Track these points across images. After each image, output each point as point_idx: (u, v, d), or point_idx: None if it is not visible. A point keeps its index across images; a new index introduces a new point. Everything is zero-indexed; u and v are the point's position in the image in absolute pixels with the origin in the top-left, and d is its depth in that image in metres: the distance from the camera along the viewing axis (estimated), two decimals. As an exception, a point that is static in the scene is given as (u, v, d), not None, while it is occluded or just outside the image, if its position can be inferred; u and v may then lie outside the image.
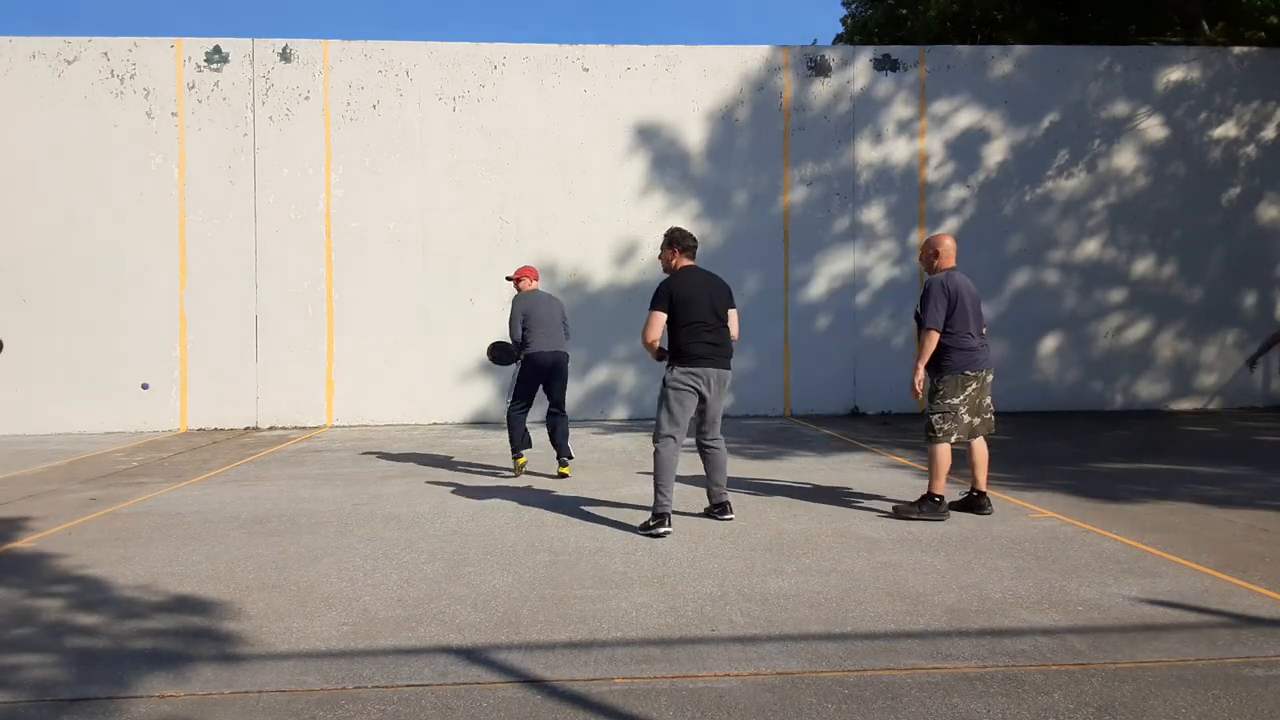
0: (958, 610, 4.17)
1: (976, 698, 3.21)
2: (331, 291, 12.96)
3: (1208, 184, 13.91)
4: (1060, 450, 9.62)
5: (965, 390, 5.99)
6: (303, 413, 12.82)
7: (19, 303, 12.58)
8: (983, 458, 6.25)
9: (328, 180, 12.95)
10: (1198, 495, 6.94)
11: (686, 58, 13.38)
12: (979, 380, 6.03)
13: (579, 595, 4.46)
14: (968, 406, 6.03)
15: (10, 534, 6.03)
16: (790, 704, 3.17)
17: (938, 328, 5.93)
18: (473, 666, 3.55)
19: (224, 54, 12.82)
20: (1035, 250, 13.77)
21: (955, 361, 5.96)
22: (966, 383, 5.99)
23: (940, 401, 6.02)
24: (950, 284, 5.97)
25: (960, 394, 5.99)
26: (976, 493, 6.33)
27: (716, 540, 5.59)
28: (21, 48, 12.59)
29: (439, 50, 13.12)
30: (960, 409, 6.01)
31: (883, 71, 13.58)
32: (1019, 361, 13.78)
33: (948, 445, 6.06)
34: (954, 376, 5.98)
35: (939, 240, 6.19)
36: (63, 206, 12.60)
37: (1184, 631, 3.87)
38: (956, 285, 5.97)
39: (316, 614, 4.21)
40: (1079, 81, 13.74)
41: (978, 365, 5.99)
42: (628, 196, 13.32)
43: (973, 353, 5.97)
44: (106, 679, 3.45)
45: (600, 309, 13.23)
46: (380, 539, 5.74)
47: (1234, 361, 14.01)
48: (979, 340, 6.02)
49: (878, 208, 13.60)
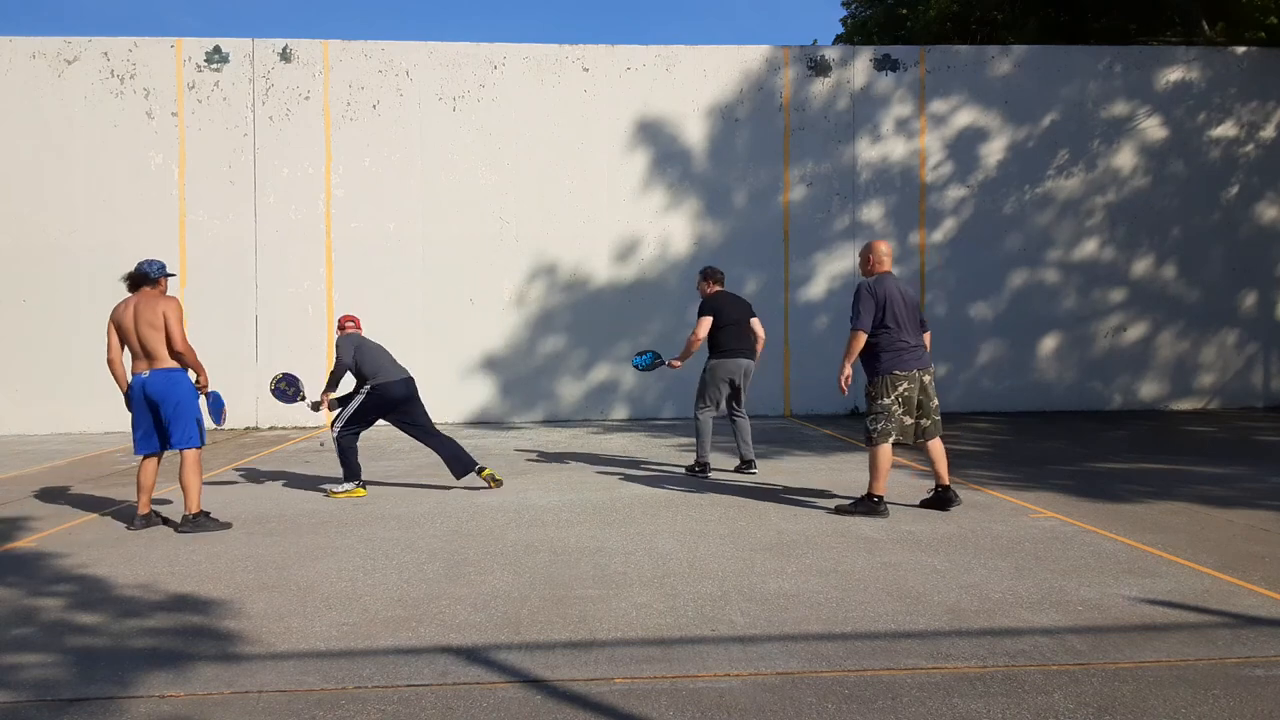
0: (958, 610, 4.17)
1: (976, 698, 3.21)
2: (331, 291, 12.96)
3: (1207, 184, 13.91)
4: (1060, 450, 9.62)
5: (896, 390, 6.10)
6: (303, 413, 12.81)
7: (19, 303, 12.58)
8: (940, 454, 6.35)
9: (328, 180, 12.95)
10: (1198, 495, 6.94)
11: (686, 58, 13.38)
12: (910, 380, 6.12)
13: (579, 595, 4.46)
14: (903, 407, 6.12)
15: (10, 534, 6.03)
16: (790, 704, 3.17)
17: (865, 329, 6.09)
18: (473, 666, 3.55)
19: (224, 54, 12.82)
20: (1035, 250, 13.77)
21: (884, 363, 6.11)
22: (896, 383, 6.10)
23: (873, 403, 6.17)
24: (879, 288, 6.12)
25: (891, 394, 6.10)
26: (941, 488, 6.43)
27: (716, 540, 5.60)
28: (21, 48, 12.59)
29: (439, 50, 13.13)
30: (894, 409, 6.11)
31: (882, 71, 13.59)
32: (1018, 361, 13.79)
33: (887, 446, 6.14)
34: (883, 378, 6.12)
35: (873, 246, 6.38)
36: (63, 206, 12.60)
37: (1184, 631, 3.87)
38: (886, 289, 6.12)
39: (316, 614, 4.21)
40: (1079, 81, 13.75)
41: (906, 365, 6.09)
42: (628, 196, 13.32)
43: (901, 354, 6.09)
44: (107, 679, 3.45)
45: (601, 308, 13.24)
46: (380, 539, 5.74)
47: (1233, 361, 14.02)
48: (912, 342, 6.13)
49: (877, 207, 13.60)
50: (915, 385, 6.13)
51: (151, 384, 5.99)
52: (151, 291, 6.13)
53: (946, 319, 13.65)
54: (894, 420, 6.10)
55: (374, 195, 13.00)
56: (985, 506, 6.59)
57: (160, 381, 5.99)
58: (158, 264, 6.25)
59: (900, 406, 6.10)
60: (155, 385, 5.99)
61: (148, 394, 6.00)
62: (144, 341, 5.98)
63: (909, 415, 6.15)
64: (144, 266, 6.19)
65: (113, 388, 6.36)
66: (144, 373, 6.01)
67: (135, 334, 5.98)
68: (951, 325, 13.65)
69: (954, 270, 13.68)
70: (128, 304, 6.06)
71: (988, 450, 9.68)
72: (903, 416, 6.12)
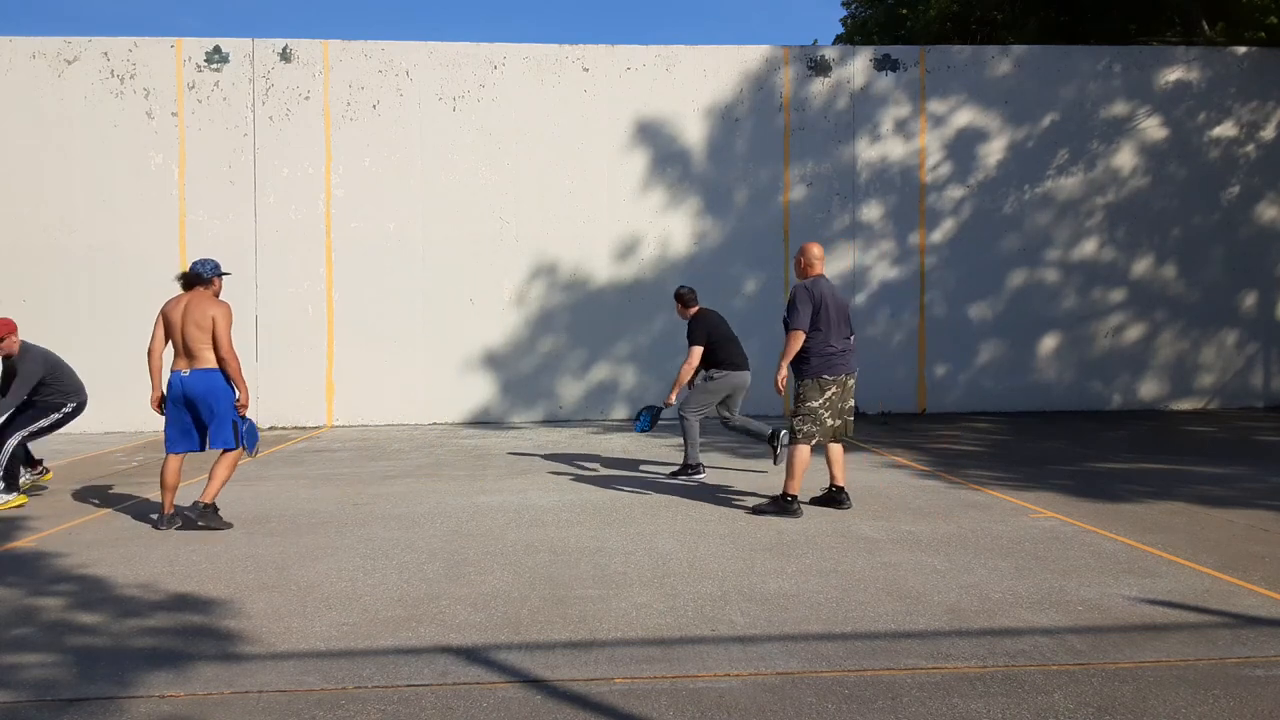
0: (958, 610, 4.18)
1: (976, 698, 3.21)
2: (331, 291, 12.96)
3: (1207, 184, 13.91)
4: (1060, 450, 9.62)
5: (825, 394, 6.21)
6: (303, 413, 12.82)
7: (19, 303, 12.57)
8: (839, 455, 6.50)
9: (328, 180, 12.95)
10: (1198, 495, 6.94)
11: (686, 57, 13.38)
12: (839, 384, 6.24)
13: (579, 595, 4.47)
14: (829, 410, 6.23)
15: (10, 534, 6.03)
16: (790, 704, 3.18)
17: (803, 329, 6.18)
18: (473, 666, 3.55)
19: (224, 54, 12.81)
20: (1034, 249, 13.77)
21: (814, 366, 6.20)
22: (826, 387, 6.20)
23: (801, 405, 6.27)
24: (815, 289, 6.23)
25: (820, 397, 6.20)
26: (835, 488, 6.55)
27: (716, 540, 5.60)
28: (22, 48, 12.59)
29: (439, 50, 13.13)
30: (821, 412, 6.21)
31: (882, 71, 13.59)
32: (1018, 361, 13.79)
33: (807, 447, 6.24)
34: (813, 381, 6.21)
35: (805, 249, 6.50)
36: (63, 206, 12.60)
37: (1184, 631, 3.87)
38: (821, 291, 6.23)
39: (316, 614, 4.21)
40: (1078, 81, 13.75)
41: (835, 370, 6.20)
42: (628, 195, 13.32)
43: (831, 358, 6.19)
44: (107, 678, 3.45)
45: (601, 308, 13.24)
46: (380, 539, 5.74)
47: (1233, 362, 14.02)
48: (839, 346, 6.23)
49: (877, 207, 13.60)
50: (840, 389, 6.25)
51: (191, 383, 6.01)
52: (204, 292, 6.16)
53: (946, 319, 13.66)
54: (819, 423, 6.22)
55: (374, 195, 13.00)
56: (985, 506, 6.59)
57: (200, 381, 6.00)
58: (211, 263, 6.25)
59: (827, 410, 6.23)
60: (195, 385, 6.01)
61: (186, 392, 6.01)
62: (188, 340, 6.00)
63: (834, 418, 6.27)
64: (197, 266, 6.22)
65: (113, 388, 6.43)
66: (184, 371, 6.02)
67: (181, 331, 6.01)
68: (951, 325, 13.65)
69: (953, 270, 13.68)
70: (180, 300, 6.11)
71: (988, 450, 9.69)
72: (828, 419, 6.24)
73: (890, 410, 13.49)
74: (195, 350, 6.01)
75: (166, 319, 6.10)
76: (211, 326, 5.98)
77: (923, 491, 7.24)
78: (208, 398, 6.01)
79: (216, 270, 6.25)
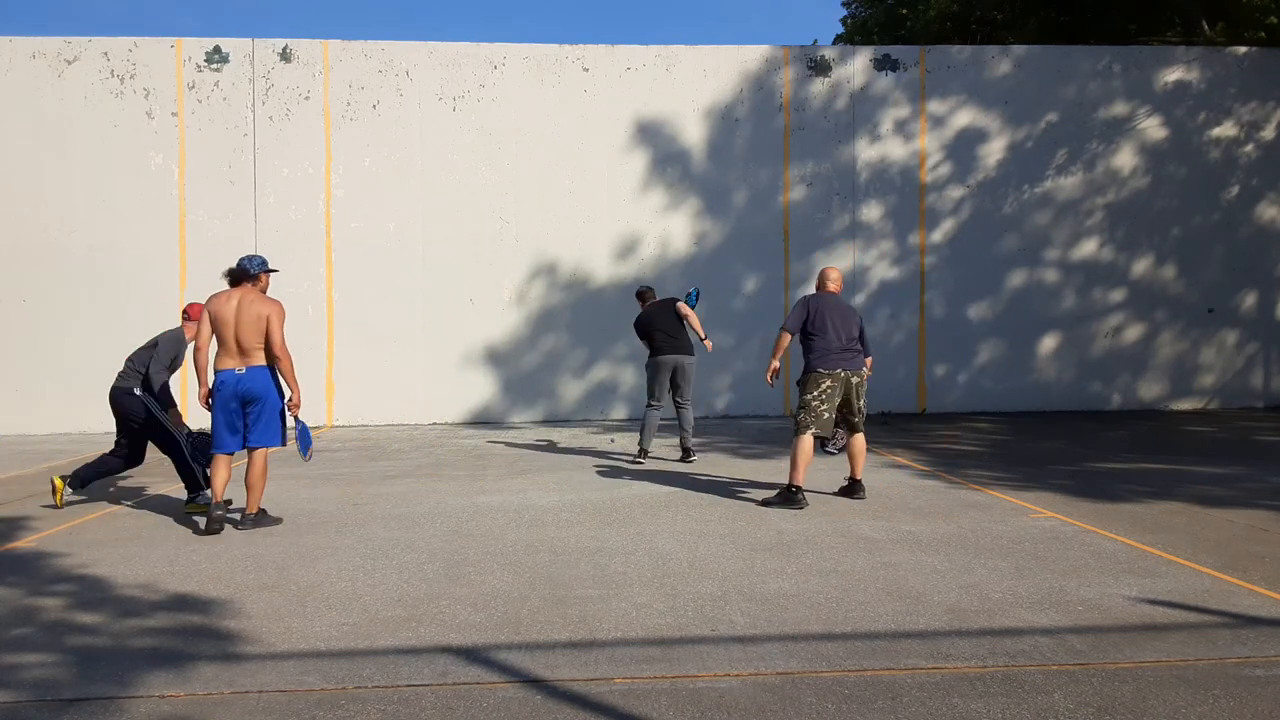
0: (958, 610, 4.17)
1: (976, 698, 3.21)
2: (331, 291, 12.96)
3: (1207, 184, 13.91)
4: (1060, 450, 9.62)
5: (820, 387, 6.56)
6: (302, 413, 12.77)
7: (19, 303, 12.58)
8: (859, 450, 6.89)
9: (328, 180, 12.95)
10: (1198, 495, 6.94)
11: (686, 58, 13.38)
12: (834, 379, 6.57)
13: (579, 595, 4.46)
14: (825, 403, 6.55)
15: (11, 534, 6.03)
16: (790, 704, 3.18)
17: (788, 330, 6.78)
18: (473, 666, 3.55)
19: (224, 54, 12.81)
20: (1034, 249, 13.77)
21: (810, 362, 6.67)
22: (820, 380, 6.57)
23: (801, 397, 6.68)
24: (813, 300, 6.79)
25: (815, 390, 6.57)
26: (851, 480, 6.94)
27: (716, 540, 5.60)
28: (21, 48, 12.59)
29: (439, 50, 13.13)
30: (815, 405, 6.55)
31: (882, 71, 13.59)
32: (1018, 361, 13.79)
33: (807, 438, 6.56)
34: (810, 375, 6.65)
35: (823, 271, 7.10)
36: (63, 206, 12.60)
37: (1184, 631, 3.87)
38: (820, 301, 6.76)
39: (316, 614, 4.21)
40: (1078, 81, 13.74)
41: (831, 365, 6.58)
42: (628, 195, 13.32)
43: (826, 355, 6.61)
44: (107, 679, 3.45)
45: (601, 307, 13.24)
46: (380, 539, 5.74)
47: (1234, 361, 14.02)
48: (838, 347, 6.61)
49: (877, 207, 13.60)
50: (840, 384, 6.57)
51: (247, 381, 5.95)
52: (253, 289, 6.08)
53: (946, 319, 13.66)
54: (814, 414, 6.55)
55: (374, 195, 13.00)
56: (985, 506, 6.60)
57: (258, 379, 5.97)
58: (259, 259, 6.20)
59: (822, 403, 6.54)
60: (252, 383, 5.96)
61: (241, 391, 5.95)
62: (242, 339, 5.93)
63: (830, 411, 6.58)
64: (244, 263, 6.14)
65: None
66: (239, 369, 5.95)
67: (235, 330, 5.92)
68: (951, 325, 13.66)
69: (953, 270, 13.69)
70: (229, 297, 6.00)
71: (988, 450, 9.69)
72: (823, 411, 6.55)
73: (890, 410, 13.49)
74: (249, 348, 5.94)
75: (215, 315, 5.98)
76: (266, 325, 5.94)
77: (923, 491, 7.24)
78: (265, 394, 5.98)
79: (264, 266, 6.19)
